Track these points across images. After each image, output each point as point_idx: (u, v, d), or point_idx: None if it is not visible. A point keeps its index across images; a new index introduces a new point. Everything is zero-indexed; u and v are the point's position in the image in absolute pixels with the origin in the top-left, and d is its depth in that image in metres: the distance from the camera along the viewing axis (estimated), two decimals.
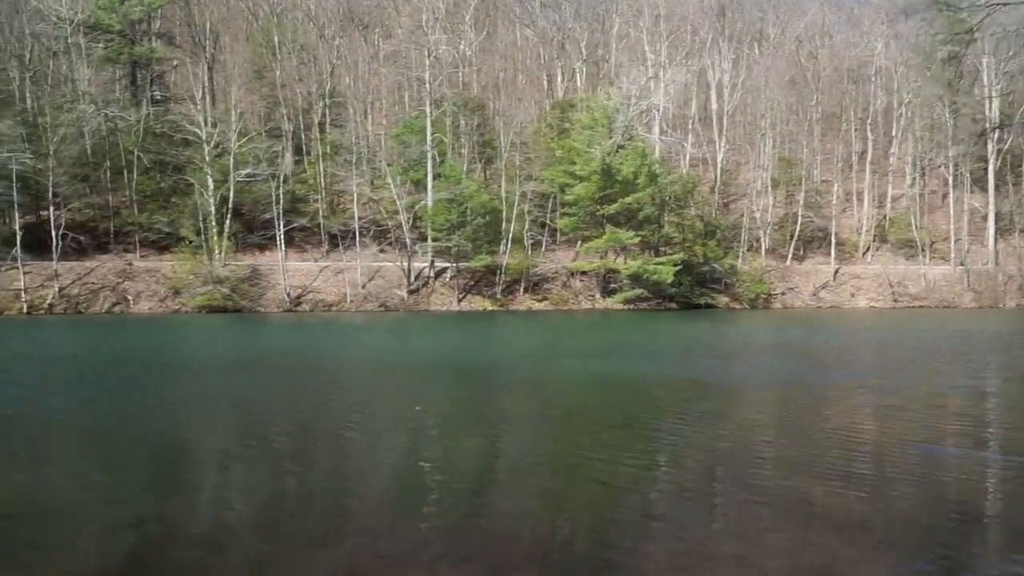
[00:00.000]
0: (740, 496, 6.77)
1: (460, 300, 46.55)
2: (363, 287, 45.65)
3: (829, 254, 56.01)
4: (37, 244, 40.66)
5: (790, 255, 56.10)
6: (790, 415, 11.47)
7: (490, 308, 46.03)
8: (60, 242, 41.09)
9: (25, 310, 39.14)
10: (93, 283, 41.96)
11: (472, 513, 6.46)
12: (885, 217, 60.46)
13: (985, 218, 57.84)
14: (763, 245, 55.35)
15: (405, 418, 11.05)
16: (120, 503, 6.60)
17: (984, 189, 58.45)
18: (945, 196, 60.04)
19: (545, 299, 48.05)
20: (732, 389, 14.20)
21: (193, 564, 5.04)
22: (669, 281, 46.19)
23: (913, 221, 57.08)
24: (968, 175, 58.48)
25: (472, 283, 48.07)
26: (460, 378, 16.26)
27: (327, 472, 7.80)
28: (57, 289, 40.47)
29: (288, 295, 43.90)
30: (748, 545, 5.40)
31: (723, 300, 50.50)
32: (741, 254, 53.94)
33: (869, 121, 62.85)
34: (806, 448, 8.96)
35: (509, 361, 19.68)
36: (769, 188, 58.27)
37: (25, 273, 39.80)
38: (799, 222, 55.85)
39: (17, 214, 40.16)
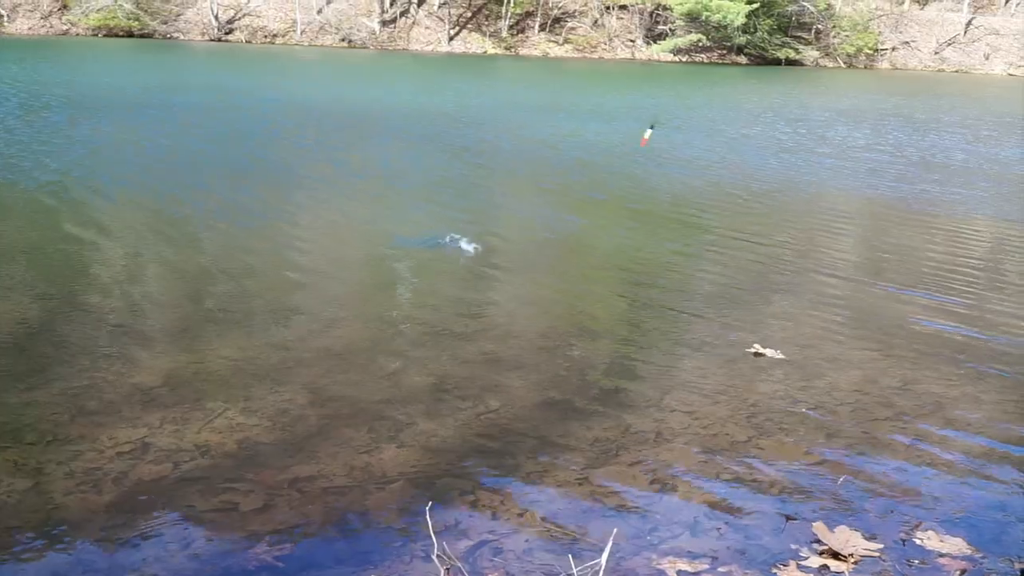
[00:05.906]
0: (794, 301, 6.75)
1: (452, 38, 44.98)
2: (319, 12, 43.92)
3: None
4: None
5: None
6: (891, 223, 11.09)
7: (491, 51, 44.59)
8: None
9: None
10: None
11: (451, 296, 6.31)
12: None
13: None
14: None
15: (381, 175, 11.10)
16: None
17: None
18: None
19: (568, 42, 46.58)
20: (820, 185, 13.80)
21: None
22: (739, 24, 44.66)
23: None
24: None
25: (469, 14, 46.27)
26: (453, 133, 15.89)
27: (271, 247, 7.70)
28: None
29: (216, 18, 42.28)
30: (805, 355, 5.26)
31: (811, 55, 49.12)
32: None
33: None
34: (889, 257, 8.97)
35: (517, 121, 19.08)
36: None
37: None
38: None
39: None
